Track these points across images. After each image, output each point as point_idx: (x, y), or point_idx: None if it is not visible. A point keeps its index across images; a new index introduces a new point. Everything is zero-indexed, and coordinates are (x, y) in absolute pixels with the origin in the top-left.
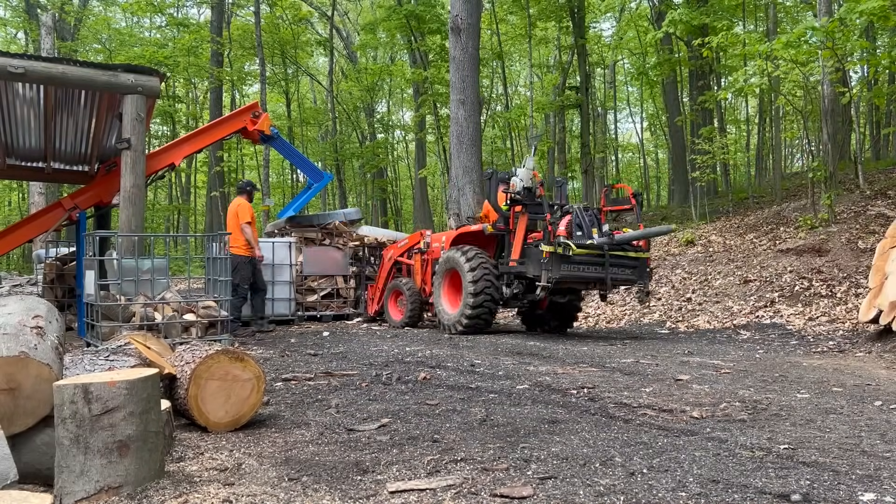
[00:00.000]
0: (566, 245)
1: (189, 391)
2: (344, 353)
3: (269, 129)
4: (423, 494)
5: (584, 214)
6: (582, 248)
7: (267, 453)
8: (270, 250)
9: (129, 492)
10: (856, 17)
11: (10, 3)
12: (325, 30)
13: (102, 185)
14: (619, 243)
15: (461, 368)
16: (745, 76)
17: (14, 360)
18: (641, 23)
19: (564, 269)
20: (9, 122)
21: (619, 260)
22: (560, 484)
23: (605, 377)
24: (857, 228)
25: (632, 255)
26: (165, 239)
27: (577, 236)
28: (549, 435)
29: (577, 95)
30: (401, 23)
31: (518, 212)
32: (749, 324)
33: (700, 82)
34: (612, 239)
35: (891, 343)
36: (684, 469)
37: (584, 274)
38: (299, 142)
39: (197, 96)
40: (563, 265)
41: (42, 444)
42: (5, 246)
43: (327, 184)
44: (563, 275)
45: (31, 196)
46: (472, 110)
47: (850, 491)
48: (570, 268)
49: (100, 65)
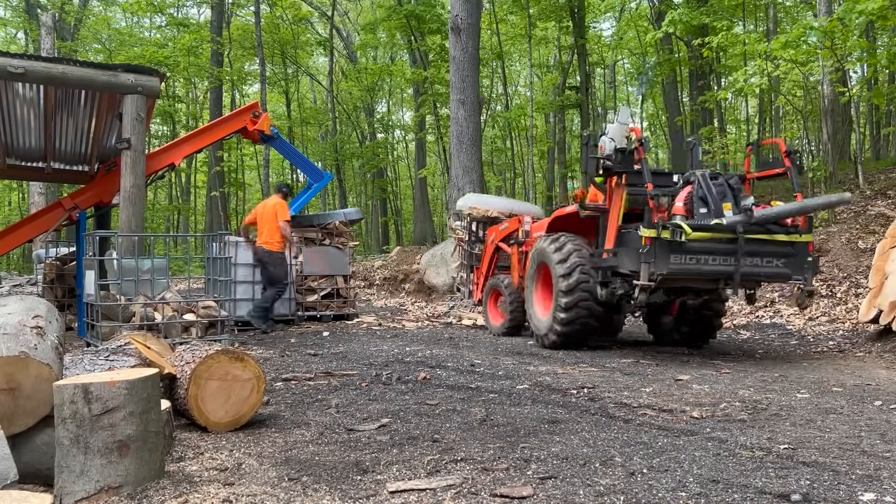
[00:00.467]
0: (676, 227)
1: (189, 391)
2: (344, 353)
3: (269, 129)
4: (423, 494)
5: (712, 183)
6: (702, 230)
7: (267, 453)
8: None
9: (129, 492)
10: (855, 17)
11: (10, 3)
12: (325, 30)
13: (102, 185)
14: (762, 222)
15: (461, 368)
16: (745, 76)
17: (14, 360)
18: (641, 23)
19: (674, 261)
20: (9, 122)
21: (763, 246)
22: (560, 484)
23: (605, 377)
24: (857, 228)
25: (782, 239)
26: (165, 239)
27: (700, 214)
28: (549, 435)
29: (577, 95)
30: (401, 23)
31: (614, 184)
32: (749, 324)
33: (700, 82)
34: (751, 216)
35: (891, 343)
36: (684, 469)
37: (703, 268)
38: (299, 142)
39: (197, 96)
40: (671, 256)
41: (42, 444)
42: (5, 246)
43: (327, 184)
44: (672, 269)
45: (31, 196)
46: (472, 110)
47: (850, 491)
48: (682, 259)
49: (100, 65)
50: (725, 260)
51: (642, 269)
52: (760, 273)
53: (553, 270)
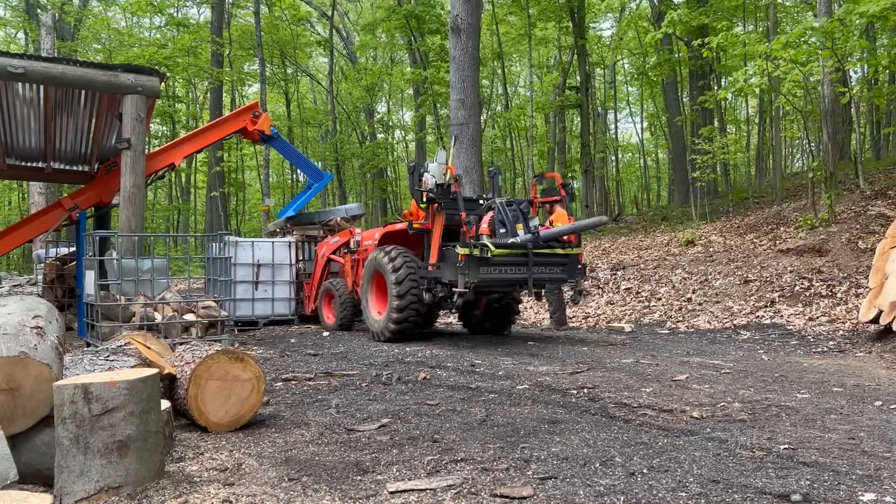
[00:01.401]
0: (484, 246)
1: (189, 391)
2: (344, 353)
3: (269, 129)
4: (423, 494)
5: (508, 209)
6: (502, 247)
7: (267, 453)
8: (270, 250)
9: (129, 492)
10: (855, 18)
11: (10, 3)
12: (324, 30)
13: (102, 185)
14: (546, 240)
15: (461, 368)
16: (745, 76)
17: (14, 360)
18: (641, 23)
19: (483, 272)
20: (9, 122)
21: (546, 258)
22: (560, 484)
23: (605, 377)
24: (857, 228)
25: (559, 252)
26: (165, 239)
27: (500, 234)
28: (550, 435)
29: (577, 95)
30: (401, 23)
31: (434, 210)
32: (749, 324)
33: (700, 82)
34: (538, 235)
35: (891, 343)
36: (684, 469)
37: (505, 276)
38: (299, 142)
39: (197, 96)
40: (481, 268)
41: (42, 444)
42: (5, 246)
43: (327, 184)
44: (482, 278)
45: (31, 196)
46: (472, 110)
47: (850, 491)
48: (489, 270)
49: (100, 65)
50: (520, 270)
51: (460, 279)
52: (545, 278)
53: (387, 278)
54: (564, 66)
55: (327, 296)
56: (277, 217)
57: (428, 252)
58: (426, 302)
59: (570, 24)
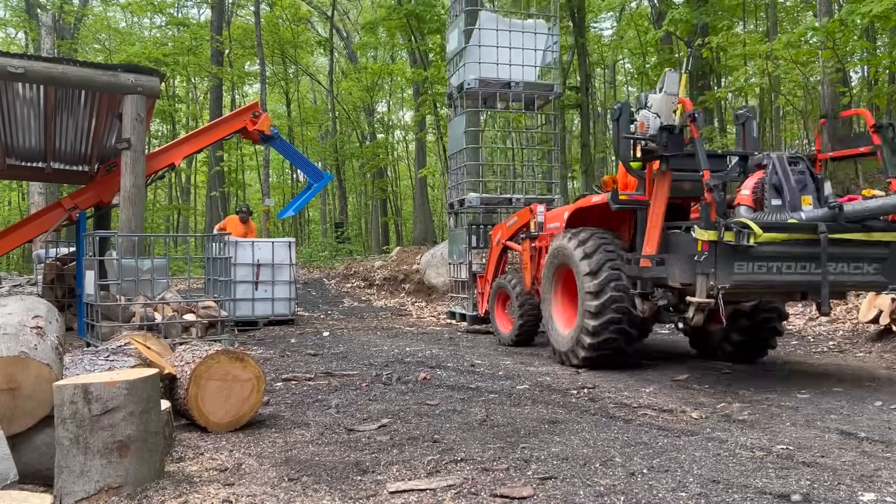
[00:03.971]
0: (743, 228)
1: (189, 391)
2: (344, 353)
3: (269, 129)
4: (423, 494)
5: (791, 170)
6: (775, 230)
7: (267, 453)
8: (270, 250)
9: (129, 492)
10: (857, 18)
11: (10, 3)
12: (325, 30)
13: (102, 185)
14: (855, 219)
15: (461, 368)
16: (746, 76)
17: (14, 360)
18: (642, 22)
19: (740, 270)
20: (9, 122)
21: (852, 249)
22: (560, 484)
23: (604, 377)
24: None
25: (877, 239)
26: (165, 239)
27: (772, 207)
28: (550, 435)
29: (577, 95)
30: (401, 22)
31: (656, 171)
32: None
33: (700, 82)
34: (840, 212)
35: (891, 343)
36: (684, 469)
37: (778, 278)
38: (299, 142)
39: (197, 96)
40: (736, 264)
41: (42, 444)
42: (5, 246)
43: (327, 184)
44: (738, 281)
45: (31, 196)
46: None
47: (850, 491)
48: (750, 268)
49: (100, 65)
50: (807, 267)
51: (698, 283)
52: (849, 281)
53: (578, 280)
54: (564, 65)
55: (500, 296)
56: (278, 217)
57: (642, 239)
58: (640, 315)
59: (571, 24)
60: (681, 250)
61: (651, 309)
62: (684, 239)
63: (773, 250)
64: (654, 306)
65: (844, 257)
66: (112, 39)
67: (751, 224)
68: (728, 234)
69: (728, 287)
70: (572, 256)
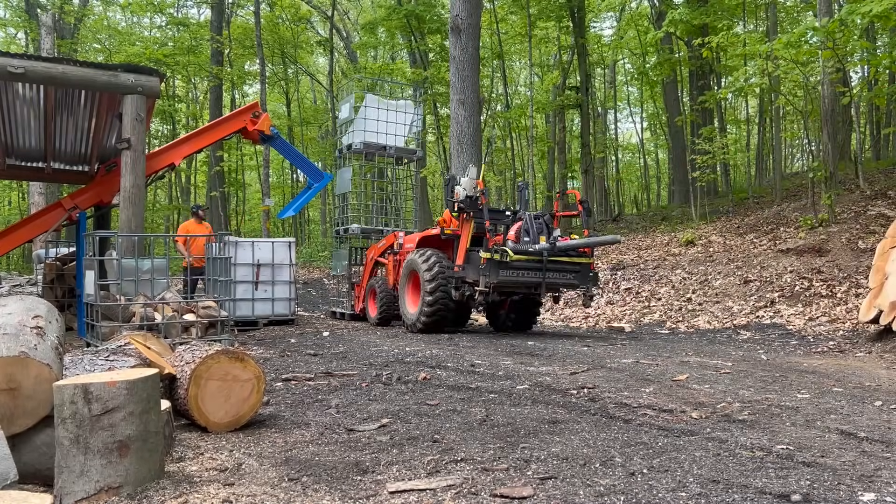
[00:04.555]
0: (503, 251)
1: (189, 391)
2: (344, 353)
3: (269, 129)
4: (423, 494)
5: (534, 221)
6: (521, 253)
7: (267, 453)
8: (270, 250)
9: (129, 492)
10: (857, 18)
11: (10, 3)
12: (325, 30)
13: (102, 185)
14: (562, 250)
15: (461, 368)
16: (746, 76)
17: (14, 360)
18: (642, 22)
19: (502, 274)
20: (9, 122)
21: (560, 265)
22: (560, 484)
23: (605, 377)
24: (857, 228)
25: (573, 261)
26: (165, 239)
27: (524, 242)
28: (550, 435)
29: (577, 95)
30: (401, 22)
31: (464, 219)
32: (749, 324)
33: (700, 82)
34: (555, 246)
35: (891, 343)
36: (684, 469)
37: (521, 279)
38: (299, 142)
39: (197, 96)
40: (500, 270)
41: (42, 444)
42: (5, 246)
43: (327, 184)
44: (501, 279)
45: (31, 196)
46: (472, 110)
47: (850, 491)
48: (507, 273)
49: (100, 65)
50: (535, 274)
51: (481, 279)
52: (558, 283)
53: (421, 276)
54: (564, 65)
55: (372, 293)
56: (278, 217)
57: (456, 255)
58: (454, 298)
59: (571, 24)
60: (474, 262)
61: (462, 295)
62: (475, 256)
63: (520, 264)
64: (462, 295)
65: (557, 269)
66: (112, 39)
67: (508, 250)
68: (496, 255)
69: (496, 282)
70: (419, 265)
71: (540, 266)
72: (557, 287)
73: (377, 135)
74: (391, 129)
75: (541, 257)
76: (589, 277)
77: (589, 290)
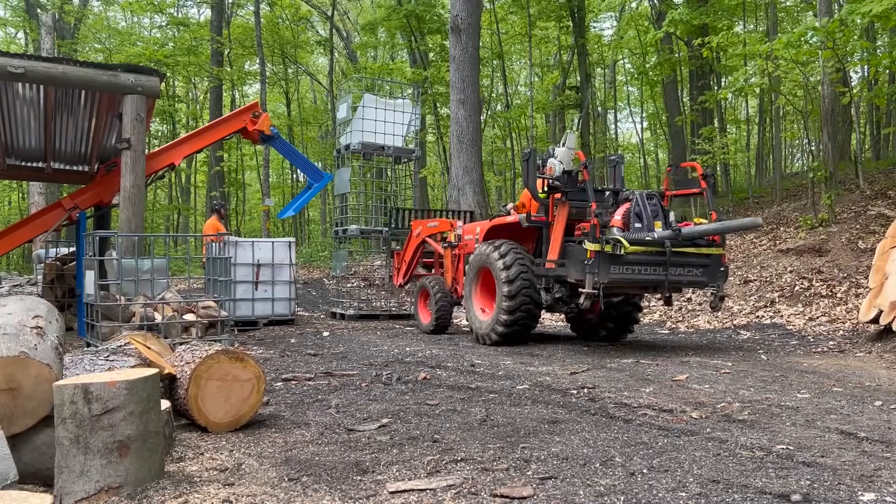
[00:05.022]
0: (616, 242)
1: (189, 391)
2: (344, 353)
3: (269, 129)
4: (423, 494)
5: (647, 202)
6: (637, 244)
7: (267, 453)
8: (270, 250)
9: (129, 492)
10: (857, 18)
11: (10, 3)
12: (325, 30)
13: (102, 185)
14: (689, 238)
15: (461, 368)
16: (746, 76)
17: (14, 360)
18: (642, 22)
19: (614, 271)
20: (9, 122)
21: (685, 258)
22: (560, 484)
23: (605, 377)
24: (857, 228)
25: (702, 252)
26: (165, 239)
27: (635, 229)
28: (550, 435)
29: (577, 95)
30: (401, 22)
31: (557, 200)
32: (749, 324)
33: (700, 82)
34: (679, 233)
35: (891, 343)
36: (684, 469)
37: (638, 277)
38: (299, 142)
39: (197, 96)
40: (612, 267)
41: (42, 444)
42: (5, 246)
43: (327, 184)
44: (613, 278)
45: (31, 196)
46: (472, 110)
47: (850, 491)
48: (621, 270)
49: (100, 65)
50: (656, 270)
51: (588, 279)
52: (683, 281)
53: (496, 276)
54: (564, 65)
55: (423, 294)
56: (278, 217)
57: (543, 248)
58: (544, 304)
59: (571, 24)
60: (575, 256)
61: (551, 299)
62: (577, 248)
63: (636, 258)
64: (553, 297)
65: (682, 263)
66: (112, 39)
67: (622, 240)
68: (607, 246)
69: (607, 282)
70: (493, 261)
71: (662, 260)
72: (682, 285)
73: (375, 135)
74: (389, 129)
75: (663, 248)
76: (720, 273)
77: (720, 288)
